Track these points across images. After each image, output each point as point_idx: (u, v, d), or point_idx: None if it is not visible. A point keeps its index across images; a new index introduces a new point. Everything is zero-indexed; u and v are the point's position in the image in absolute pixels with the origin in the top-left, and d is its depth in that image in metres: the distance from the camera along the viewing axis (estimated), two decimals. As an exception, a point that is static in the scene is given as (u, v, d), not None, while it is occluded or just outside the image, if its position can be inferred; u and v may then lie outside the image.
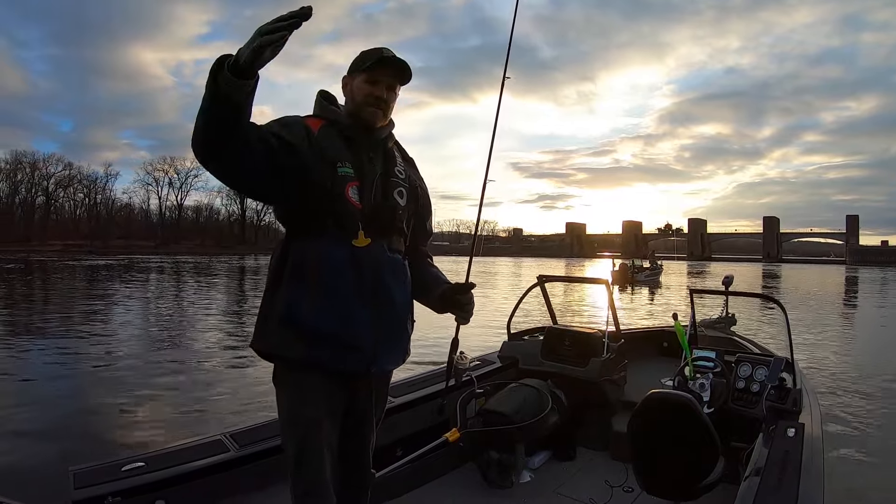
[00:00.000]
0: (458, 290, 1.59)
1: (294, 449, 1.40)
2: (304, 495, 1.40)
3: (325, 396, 1.42)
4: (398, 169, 1.56)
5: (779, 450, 2.01)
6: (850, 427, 4.87)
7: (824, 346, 9.02)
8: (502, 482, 2.66)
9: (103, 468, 1.85)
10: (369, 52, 1.51)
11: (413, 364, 2.07)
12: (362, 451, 1.58)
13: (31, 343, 8.29)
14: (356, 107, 1.50)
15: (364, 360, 1.45)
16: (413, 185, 1.60)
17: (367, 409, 1.54)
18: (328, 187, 1.40)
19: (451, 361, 1.78)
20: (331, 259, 1.40)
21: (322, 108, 1.54)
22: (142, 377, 6.24)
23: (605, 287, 3.44)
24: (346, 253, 1.41)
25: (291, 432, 1.42)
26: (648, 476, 2.11)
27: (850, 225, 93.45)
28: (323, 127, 1.46)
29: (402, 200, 1.54)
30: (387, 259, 1.48)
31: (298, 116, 1.48)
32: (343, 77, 1.55)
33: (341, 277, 1.40)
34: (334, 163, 1.43)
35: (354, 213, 1.43)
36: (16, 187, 77.87)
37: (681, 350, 2.98)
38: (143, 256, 52.54)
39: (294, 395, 1.42)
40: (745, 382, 2.70)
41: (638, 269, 28.17)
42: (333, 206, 1.41)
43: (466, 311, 1.59)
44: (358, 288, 1.42)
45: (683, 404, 2.04)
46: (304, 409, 1.40)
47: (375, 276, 1.44)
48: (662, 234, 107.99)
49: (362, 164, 1.48)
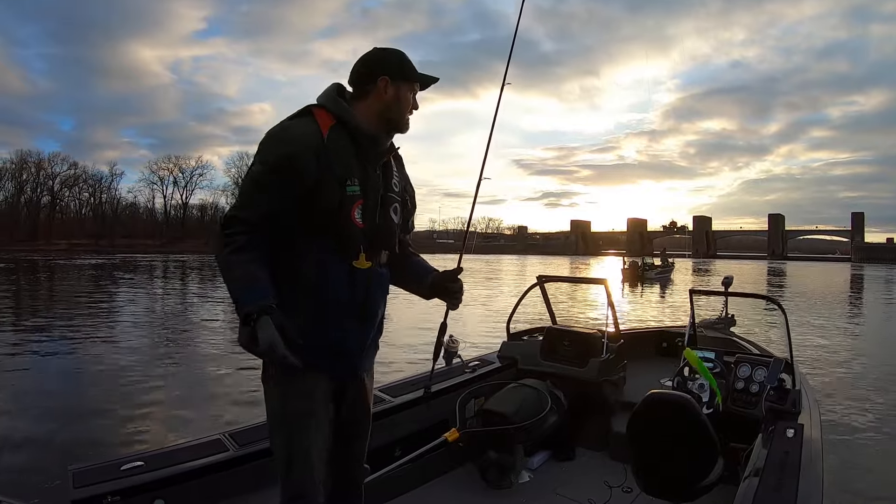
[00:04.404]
0: (448, 277, 1.63)
1: (283, 450, 1.41)
2: (295, 497, 1.41)
3: (315, 394, 1.44)
4: (395, 182, 1.57)
5: (778, 451, 2.01)
6: (849, 428, 4.85)
7: (825, 346, 8.99)
8: (501, 482, 2.66)
9: (102, 467, 1.86)
10: (405, 59, 1.51)
11: (413, 363, 2.08)
12: (356, 448, 1.61)
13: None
14: (401, 115, 1.50)
15: (351, 366, 1.52)
16: (404, 198, 1.61)
17: (356, 405, 1.58)
18: (335, 209, 1.40)
19: (439, 343, 1.83)
20: (330, 278, 1.42)
21: (336, 105, 1.46)
22: (141, 377, 6.28)
23: (604, 287, 3.43)
24: (346, 272, 1.44)
25: (280, 431, 1.43)
26: (647, 476, 2.11)
27: (855, 222, 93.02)
28: (333, 129, 1.42)
29: (396, 218, 1.56)
30: (378, 276, 1.52)
31: (306, 120, 1.42)
32: (381, 79, 1.46)
33: (338, 295, 1.43)
34: (343, 181, 1.41)
35: (357, 235, 1.44)
36: (21, 187, 78.47)
37: (680, 350, 2.97)
38: (142, 255, 52.72)
39: (284, 392, 1.43)
40: (745, 383, 2.69)
41: (649, 267, 28.15)
42: (338, 228, 1.41)
43: (456, 298, 1.63)
44: (351, 304, 1.45)
45: (683, 405, 2.04)
46: (295, 405, 1.42)
47: (368, 293, 1.49)
48: (667, 231, 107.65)
49: (368, 179, 1.46)
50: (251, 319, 1.26)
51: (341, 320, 1.45)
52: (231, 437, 2.14)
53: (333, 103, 1.46)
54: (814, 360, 7.65)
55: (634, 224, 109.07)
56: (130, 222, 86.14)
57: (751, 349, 3.40)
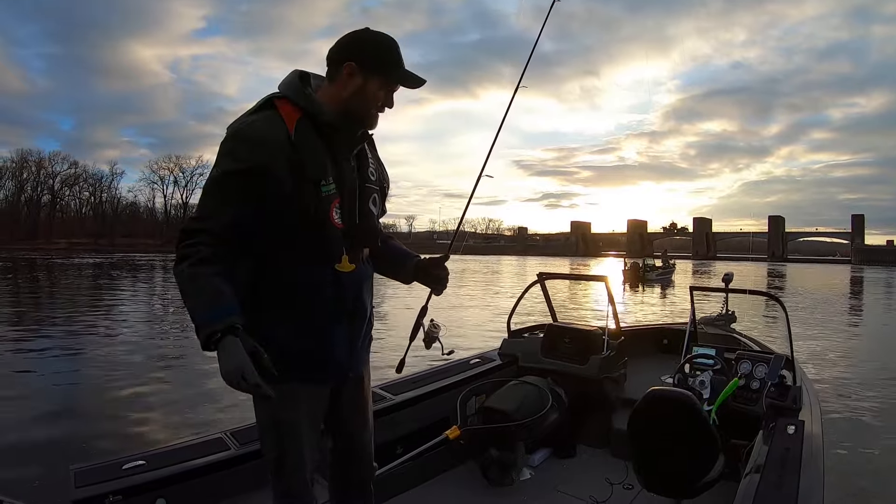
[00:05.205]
0: (435, 263, 1.59)
1: (273, 453, 1.39)
2: (284, 495, 1.40)
3: (304, 399, 1.40)
4: (371, 170, 1.47)
5: (779, 447, 2.00)
6: (850, 424, 4.86)
7: (826, 345, 8.98)
8: (502, 480, 2.66)
9: (104, 467, 1.86)
10: (390, 52, 1.35)
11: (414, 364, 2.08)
12: (359, 447, 1.59)
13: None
14: (364, 110, 1.35)
15: (342, 370, 1.46)
16: (381, 185, 1.52)
17: (355, 403, 1.55)
18: (311, 213, 1.29)
19: (417, 325, 1.68)
20: (312, 284, 1.34)
21: (301, 95, 1.33)
22: (141, 376, 6.28)
23: (604, 284, 3.43)
24: (329, 277, 1.36)
25: (270, 436, 1.40)
26: (648, 473, 2.11)
27: (855, 224, 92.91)
28: (300, 123, 1.29)
29: (375, 209, 1.48)
30: (364, 276, 1.47)
31: (269, 115, 1.29)
32: (347, 64, 1.32)
33: (322, 300, 1.36)
34: (318, 181, 1.30)
35: (337, 237, 1.35)
36: (22, 186, 78.55)
37: (681, 347, 2.97)
38: (142, 254, 52.69)
39: (272, 403, 1.32)
40: (746, 380, 2.69)
41: (650, 268, 28.16)
42: (315, 232, 1.31)
43: (442, 284, 1.60)
44: (337, 308, 1.39)
45: (683, 402, 2.04)
46: (283, 412, 1.37)
47: (355, 295, 1.43)
48: (668, 232, 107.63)
49: (342, 174, 1.36)
50: (213, 341, 1.16)
51: (328, 329, 1.38)
52: (232, 435, 2.14)
53: (297, 93, 1.32)
54: (815, 357, 7.65)
55: (634, 225, 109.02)
56: (131, 222, 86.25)
57: (751, 346, 3.41)
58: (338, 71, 1.34)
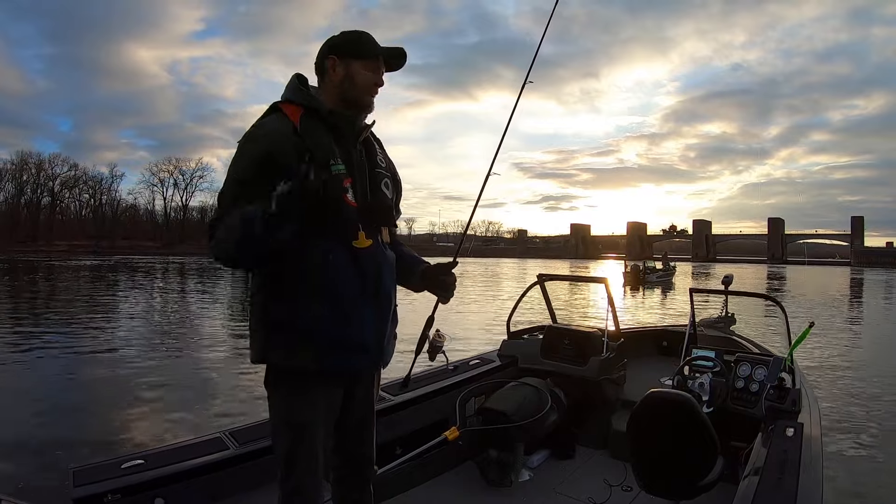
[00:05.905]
0: (442, 270, 1.58)
1: (285, 450, 1.39)
2: (293, 493, 1.39)
3: (322, 398, 1.41)
4: (380, 158, 1.54)
5: (778, 449, 2.01)
6: (849, 427, 4.85)
7: (825, 347, 8.98)
8: (501, 481, 2.66)
9: (103, 466, 1.86)
10: (360, 36, 1.47)
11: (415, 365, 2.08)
12: (365, 447, 1.59)
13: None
14: (358, 93, 1.45)
15: (372, 359, 1.47)
16: (393, 173, 1.59)
17: (365, 403, 1.55)
18: (324, 191, 1.31)
19: (423, 337, 1.72)
20: (333, 263, 1.36)
21: (300, 94, 1.45)
22: (140, 376, 6.28)
23: (604, 286, 3.43)
24: (348, 255, 1.38)
25: (284, 434, 1.39)
26: (647, 475, 2.11)
27: (855, 226, 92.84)
28: (303, 118, 1.39)
29: (388, 192, 1.53)
30: (384, 256, 1.48)
31: (275, 116, 1.41)
32: (328, 59, 1.45)
33: (345, 281, 1.38)
34: (327, 161, 1.37)
35: (352, 214, 1.40)
36: (21, 188, 78.56)
37: (681, 349, 2.97)
38: (142, 257, 52.69)
39: (291, 400, 1.38)
40: (745, 382, 2.70)
41: (650, 270, 28.16)
42: (330, 210, 1.34)
43: (449, 291, 1.59)
44: (361, 289, 1.40)
45: (683, 403, 2.04)
46: (301, 413, 1.38)
47: (377, 275, 1.44)
48: (667, 235, 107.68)
49: (351, 158, 1.44)
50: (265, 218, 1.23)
51: (354, 308, 1.39)
52: (231, 435, 2.14)
53: (297, 94, 1.45)
54: (815, 359, 7.65)
55: (634, 228, 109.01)
56: (130, 224, 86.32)
57: (751, 348, 3.41)
58: (323, 69, 1.47)
